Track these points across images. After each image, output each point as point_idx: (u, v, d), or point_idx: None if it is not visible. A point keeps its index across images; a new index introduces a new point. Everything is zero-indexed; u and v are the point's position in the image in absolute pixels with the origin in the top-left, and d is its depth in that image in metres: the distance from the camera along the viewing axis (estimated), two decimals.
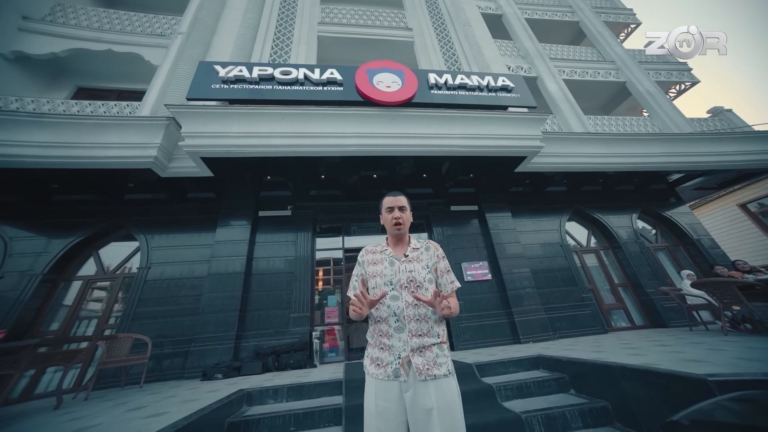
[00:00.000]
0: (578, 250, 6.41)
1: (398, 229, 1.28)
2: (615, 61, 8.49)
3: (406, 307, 1.17)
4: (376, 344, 1.19)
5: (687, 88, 9.04)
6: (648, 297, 5.71)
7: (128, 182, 4.96)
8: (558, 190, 6.80)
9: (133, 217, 5.25)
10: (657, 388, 1.84)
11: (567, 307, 5.40)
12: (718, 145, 6.19)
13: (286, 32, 6.78)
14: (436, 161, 5.29)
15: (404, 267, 1.24)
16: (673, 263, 6.53)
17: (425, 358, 1.11)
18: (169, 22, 6.62)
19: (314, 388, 2.88)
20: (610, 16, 10.29)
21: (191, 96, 4.42)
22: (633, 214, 6.77)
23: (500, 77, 5.47)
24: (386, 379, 1.10)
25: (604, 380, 2.30)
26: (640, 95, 7.86)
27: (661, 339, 3.64)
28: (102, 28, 6.12)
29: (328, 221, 6.00)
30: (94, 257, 5.05)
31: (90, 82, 6.59)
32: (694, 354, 2.42)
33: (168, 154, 4.60)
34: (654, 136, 6.12)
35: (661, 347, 2.94)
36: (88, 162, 4.16)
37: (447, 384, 1.09)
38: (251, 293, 4.91)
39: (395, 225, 1.28)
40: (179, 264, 4.98)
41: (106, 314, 4.65)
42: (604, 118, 7.01)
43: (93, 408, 2.58)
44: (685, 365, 2.02)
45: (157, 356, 4.23)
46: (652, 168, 6.11)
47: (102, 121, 4.25)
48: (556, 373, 2.82)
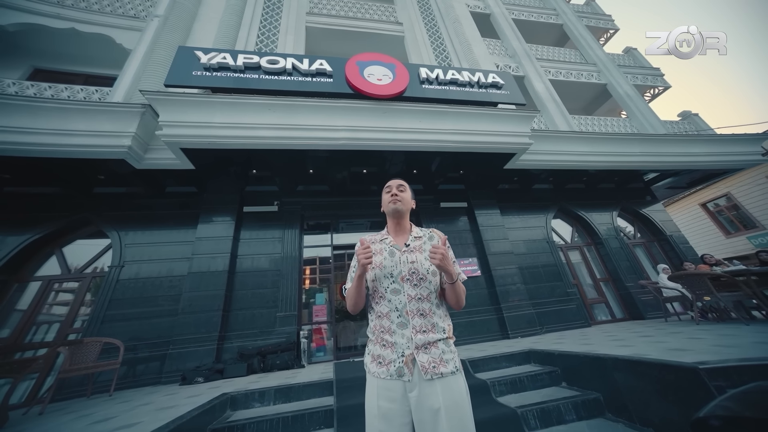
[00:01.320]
0: (563, 247, 6.58)
1: (395, 204, 1.20)
2: (597, 63, 8.79)
3: (408, 301, 1.09)
4: (378, 341, 1.10)
5: (660, 92, 9.52)
6: (627, 291, 5.96)
7: (98, 174, 4.58)
8: (544, 188, 6.96)
9: (103, 212, 4.86)
10: (648, 377, 1.87)
11: (553, 302, 5.53)
12: (687, 146, 6.53)
13: (273, 21, 6.51)
14: (427, 157, 5.25)
15: (406, 258, 1.15)
16: (649, 258, 6.86)
17: (431, 356, 1.03)
18: (143, 3, 6.18)
19: (303, 390, 2.76)
20: (591, 20, 10.65)
21: (170, 82, 4.13)
22: (613, 212, 7.04)
23: (490, 74, 5.49)
24: (389, 378, 1.02)
25: (596, 372, 2.33)
26: (620, 97, 8.18)
27: (641, 330, 3.79)
28: (63, 3, 5.59)
29: (316, 217, 5.83)
30: (57, 256, 4.62)
31: (50, 64, 6.00)
32: (676, 343, 2.50)
33: (144, 145, 4.28)
34: (633, 136, 6.38)
35: (644, 338, 3.03)
36: (49, 150, 3.77)
37: (455, 382, 1.02)
38: (235, 292, 4.69)
39: (392, 199, 1.21)
40: (156, 262, 4.67)
41: (71, 318, 4.26)
42: (587, 118, 7.23)
43: (48, 423, 2.30)
44: (672, 354, 2.07)
45: (131, 361, 3.94)
46: (630, 166, 6.36)
47: (65, 105, 3.87)
48: (548, 367, 2.84)
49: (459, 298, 1.13)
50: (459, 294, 1.12)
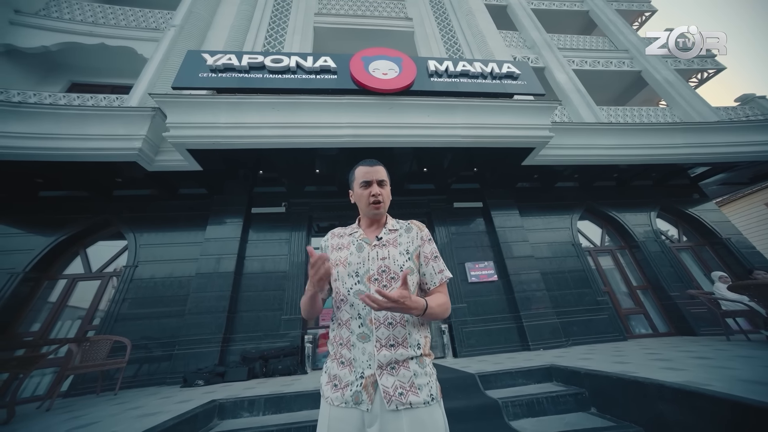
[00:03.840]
0: (592, 250, 5.95)
1: (377, 209, 0.97)
2: (629, 49, 8.00)
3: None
4: (336, 357, 0.87)
5: (711, 75, 8.42)
6: (672, 301, 5.21)
7: (116, 177, 4.78)
8: (569, 186, 6.36)
9: (122, 214, 5.06)
10: (712, 416, 1.44)
11: (580, 311, 4.96)
12: (748, 134, 5.64)
13: (281, 23, 6.57)
14: (438, 154, 4.95)
15: (376, 253, 0.92)
16: (699, 264, 6.00)
17: (398, 378, 0.79)
18: (164, 16, 6.49)
19: (295, 400, 2.57)
20: (623, 4, 9.80)
21: (177, 85, 4.21)
22: (651, 212, 6.27)
23: (505, 63, 5.11)
24: (343, 405, 0.78)
25: (635, 399, 1.92)
26: (658, 84, 7.36)
27: (695, 350, 3.19)
28: (96, 22, 6.02)
29: (324, 219, 5.71)
30: (81, 256, 4.86)
31: (83, 78, 6.51)
32: (751, 373, 1.95)
33: (154, 147, 4.40)
34: (675, 125, 5.65)
35: (699, 360, 2.51)
36: (69, 154, 3.97)
37: (428, 415, 0.76)
38: (241, 293, 4.65)
39: (373, 204, 0.96)
40: (167, 262, 4.76)
41: (90, 315, 4.44)
42: (618, 109, 6.55)
43: (40, 423, 2.27)
44: (746, 388, 1.57)
45: (139, 360, 3.98)
46: (672, 160, 5.63)
47: (84, 111, 4.08)
48: (573, 388, 2.43)
49: (440, 316, 0.88)
50: (438, 315, 0.86)
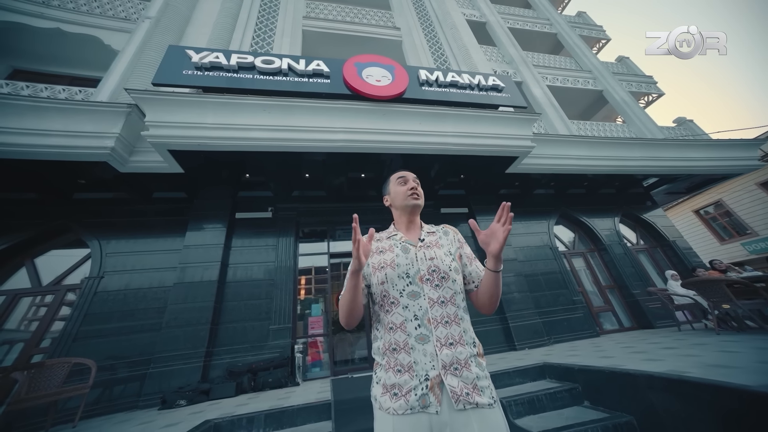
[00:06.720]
0: (567, 253, 6.42)
1: (415, 199, 1.01)
2: (592, 71, 8.88)
3: (430, 306, 0.86)
4: (391, 364, 0.84)
5: (654, 99, 9.64)
6: (634, 298, 5.78)
7: (78, 178, 4.29)
8: (546, 193, 6.84)
9: (83, 219, 4.54)
10: (696, 401, 1.63)
11: (559, 311, 5.31)
12: (686, 151, 6.51)
13: (269, 23, 6.40)
14: (427, 161, 5.09)
15: (423, 254, 0.93)
16: (653, 264, 6.73)
17: (461, 379, 0.79)
18: (135, 6, 6.03)
19: (298, 414, 2.46)
20: (584, 30, 10.87)
21: (158, 81, 3.93)
22: (615, 217, 6.93)
23: (491, 77, 5.42)
24: (410, 412, 0.76)
25: (625, 391, 2.10)
26: (617, 103, 8.23)
27: (658, 341, 3.57)
28: (49, 3, 5.40)
29: (312, 224, 5.58)
30: (28, 267, 4.23)
31: (31, 65, 5.76)
32: (710, 358, 2.27)
33: (129, 147, 4.03)
34: (633, 141, 6.34)
35: (668, 350, 2.82)
36: (20, 151, 3.49)
37: (494, 418, 0.77)
38: (225, 303, 4.37)
39: (411, 196, 1.01)
40: (139, 272, 4.34)
41: (38, 336, 3.83)
42: (586, 123, 7.21)
43: None
44: (717, 372, 1.81)
45: (106, 383, 3.57)
46: (631, 171, 6.30)
47: (39, 104, 3.61)
48: (567, 383, 2.60)
49: (497, 293, 0.90)
50: (500, 285, 0.89)
